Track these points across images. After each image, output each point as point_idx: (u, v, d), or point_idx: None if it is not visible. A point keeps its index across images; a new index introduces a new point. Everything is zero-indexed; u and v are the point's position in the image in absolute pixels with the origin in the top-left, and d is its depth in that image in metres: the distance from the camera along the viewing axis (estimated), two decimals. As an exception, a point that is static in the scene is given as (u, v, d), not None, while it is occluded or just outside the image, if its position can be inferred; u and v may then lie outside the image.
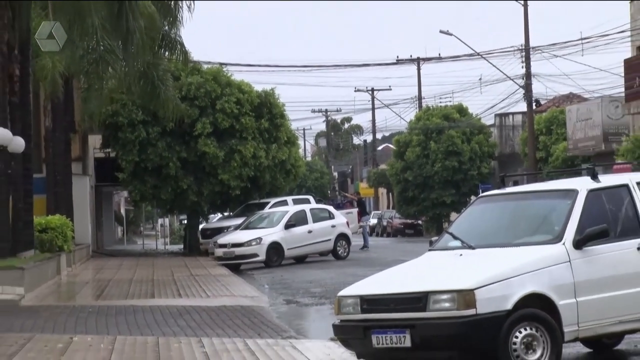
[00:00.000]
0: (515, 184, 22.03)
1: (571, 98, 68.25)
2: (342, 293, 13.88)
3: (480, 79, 74.75)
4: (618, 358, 14.62)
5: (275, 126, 50.51)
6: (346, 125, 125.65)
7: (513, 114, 70.26)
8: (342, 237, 44.99)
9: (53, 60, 35.49)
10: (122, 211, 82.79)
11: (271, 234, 42.69)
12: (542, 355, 12.92)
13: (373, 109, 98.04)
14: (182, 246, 61.11)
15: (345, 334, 13.72)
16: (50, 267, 30.85)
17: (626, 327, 14.10)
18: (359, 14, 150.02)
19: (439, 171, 70.29)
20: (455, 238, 14.62)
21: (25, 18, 30.58)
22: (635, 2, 53.66)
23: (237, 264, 41.01)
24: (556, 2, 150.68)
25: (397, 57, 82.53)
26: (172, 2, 34.76)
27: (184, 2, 34.48)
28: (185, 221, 60.11)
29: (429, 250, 15.06)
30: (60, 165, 40.87)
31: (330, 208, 49.97)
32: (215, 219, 57.40)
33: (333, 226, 44.95)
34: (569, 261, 13.43)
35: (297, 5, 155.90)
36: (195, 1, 35.90)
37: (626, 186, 14.45)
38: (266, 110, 50.22)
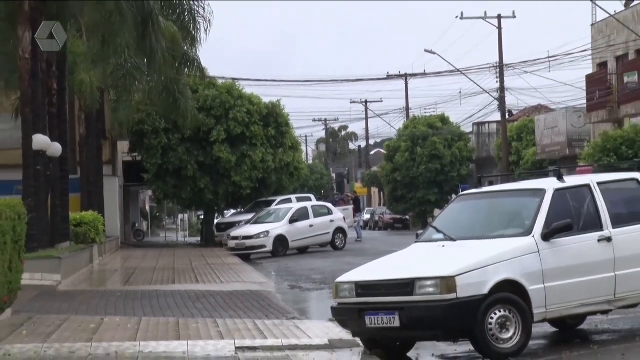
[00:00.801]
0: (491, 184, 22.06)
1: (539, 109, 68.28)
2: (339, 280, 13.94)
3: (460, 92, 76.06)
4: (581, 337, 14.59)
5: (280, 133, 50.54)
6: (343, 133, 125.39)
7: (489, 122, 70.22)
8: (340, 230, 44.99)
9: (90, 76, 35.54)
10: (147, 208, 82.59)
11: (277, 228, 42.73)
12: (514, 334, 12.94)
13: (366, 118, 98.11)
14: (199, 238, 61.07)
15: (342, 315, 13.76)
16: (84, 257, 30.87)
17: (588, 310, 14.14)
18: (354, 35, 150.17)
19: (424, 173, 70.36)
20: (438, 231, 14.65)
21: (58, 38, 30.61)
22: (596, 25, 53.75)
23: (247, 254, 40.96)
24: (527, 24, 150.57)
25: (388, 73, 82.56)
26: (191, 24, 34.71)
27: (201, 24, 34.47)
28: (202, 216, 59.99)
29: (415, 242, 15.09)
30: (92, 168, 40.92)
31: (329, 205, 50.06)
32: (228, 215, 57.30)
33: (331, 221, 44.94)
34: (538, 252, 13.44)
35: (300, 28, 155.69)
36: (210, 24, 36.09)
37: (588, 186, 14.48)
38: (273, 120, 50.24)
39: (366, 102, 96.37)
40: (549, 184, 14.43)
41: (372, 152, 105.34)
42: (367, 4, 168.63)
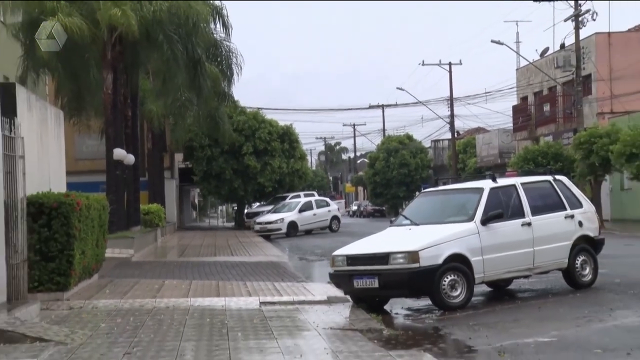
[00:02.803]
0: (444, 183, 21.76)
1: (479, 130, 68.22)
2: (335, 253, 13.99)
3: (422, 118, 78.56)
4: (509, 294, 14.60)
5: (292, 148, 50.55)
6: (337, 147, 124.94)
7: (442, 139, 70.18)
8: (335, 218, 45.32)
9: (155, 106, 35.61)
10: (196, 201, 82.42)
11: (290, 216, 42.99)
12: (461, 292, 13.00)
13: (354, 137, 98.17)
14: (233, 223, 61.01)
15: (337, 279, 13.84)
16: (150, 237, 30.92)
17: (514, 275, 14.29)
18: (346, 75, 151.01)
19: (395, 176, 70.31)
20: (406, 218, 14.70)
21: (134, 79, 30.64)
22: (519, 70, 53.87)
23: (268, 235, 40.98)
24: (470, 68, 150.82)
25: (369, 104, 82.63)
26: (228, 70, 34.73)
27: (234, 69, 34.53)
28: (236, 207, 59.93)
29: (390, 226, 15.14)
30: (156, 172, 41.01)
31: (328, 199, 50.58)
32: (255, 206, 57.28)
33: (329, 211, 45.43)
34: (478, 233, 13.48)
35: (307, 70, 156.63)
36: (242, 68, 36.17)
37: (514, 185, 14.56)
38: (287, 138, 50.24)
39: (354, 125, 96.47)
40: (486, 184, 14.45)
41: (359, 161, 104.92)
42: (356, 53, 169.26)
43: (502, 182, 14.64)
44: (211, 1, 31.68)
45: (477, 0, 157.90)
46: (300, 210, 43.64)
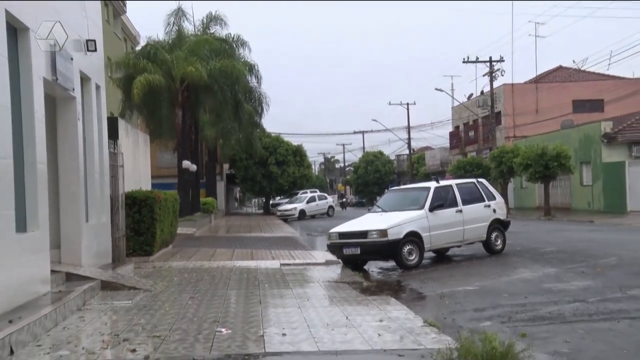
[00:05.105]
0: (405, 184, 21.82)
1: (427, 148, 67.97)
2: (331, 231, 13.93)
3: (389, 140, 79.19)
4: (447, 258, 14.53)
5: (302, 160, 50.17)
6: (332, 159, 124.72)
7: (403, 154, 69.88)
8: (331, 207, 45.11)
9: (210, 132, 35.53)
10: (237, 196, 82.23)
11: (300, 205, 42.81)
12: (415, 257, 12.94)
13: (344, 152, 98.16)
14: (262, 211, 60.87)
15: (332, 248, 13.71)
16: (207, 220, 30.82)
17: (450, 245, 14.18)
18: (338, 111, 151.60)
19: (371, 179, 70.04)
20: (379, 207, 14.65)
21: (196, 114, 30.58)
22: (454, 107, 53.66)
23: (285, 219, 40.67)
24: (422, 108, 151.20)
25: (354, 130, 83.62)
26: (259, 107, 34.63)
27: (264, 106, 34.49)
28: (264, 200, 59.66)
29: (368, 212, 15.08)
30: (211, 177, 40.92)
31: (326, 194, 50.30)
32: (277, 199, 57.15)
33: (327, 202, 45.23)
34: (427, 217, 13.42)
35: (313, 106, 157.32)
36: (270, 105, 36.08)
37: (451, 185, 14.50)
38: (298, 153, 49.90)
39: (344, 144, 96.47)
40: (432, 184, 14.40)
41: (347, 169, 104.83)
42: (345, 96, 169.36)
43: (443, 183, 14.61)
44: (248, 61, 31.63)
45: (426, 59, 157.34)
46: (308, 202, 43.54)
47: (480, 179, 15.40)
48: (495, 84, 40.18)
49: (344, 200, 67.70)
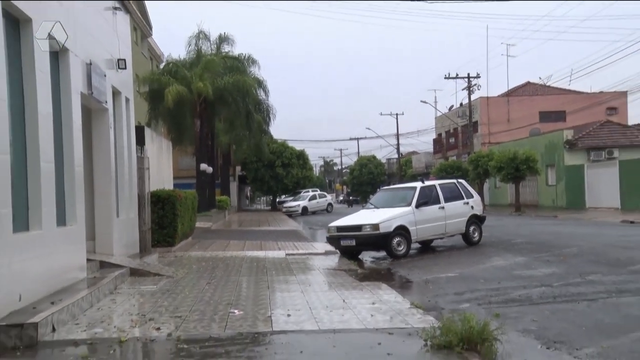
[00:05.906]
0: (394, 183, 21.68)
1: (414, 153, 67.93)
2: (330, 225, 13.90)
3: (380, 145, 78.16)
4: (431, 248, 14.53)
5: (304, 163, 49.95)
6: (331, 162, 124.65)
7: (393, 158, 69.89)
8: (330, 204, 45.18)
9: (224, 138, 35.48)
10: (248, 194, 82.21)
11: (303, 202, 42.89)
12: (403, 247, 12.92)
13: (341, 156, 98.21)
14: (270, 207, 60.77)
15: (331, 240, 13.67)
16: (222, 215, 30.72)
17: (434, 237, 14.10)
18: (335, 120, 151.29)
19: (365, 180, 70.04)
20: (372, 204, 14.61)
21: (212, 123, 30.54)
22: (437, 117, 53.64)
23: (290, 214, 40.73)
24: (410, 117, 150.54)
25: (350, 137, 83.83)
26: (267, 117, 34.63)
27: (271, 115, 34.43)
28: (271, 198, 59.66)
29: (362, 208, 15.09)
30: (225, 178, 40.75)
31: (325, 193, 50.31)
32: (283, 197, 57.13)
33: (326, 200, 45.22)
34: (413, 213, 13.40)
35: (313, 115, 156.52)
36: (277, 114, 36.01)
37: (434, 185, 14.47)
38: (301, 157, 49.80)
39: (341, 149, 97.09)
40: (418, 184, 14.40)
41: (344, 171, 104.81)
42: (341, 106, 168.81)
43: (428, 183, 14.60)
44: (257, 77, 31.67)
45: (413, 75, 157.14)
46: (310, 200, 43.57)
47: (459, 180, 15.38)
48: (473, 97, 40.27)
49: (350, 199, 67.27)
